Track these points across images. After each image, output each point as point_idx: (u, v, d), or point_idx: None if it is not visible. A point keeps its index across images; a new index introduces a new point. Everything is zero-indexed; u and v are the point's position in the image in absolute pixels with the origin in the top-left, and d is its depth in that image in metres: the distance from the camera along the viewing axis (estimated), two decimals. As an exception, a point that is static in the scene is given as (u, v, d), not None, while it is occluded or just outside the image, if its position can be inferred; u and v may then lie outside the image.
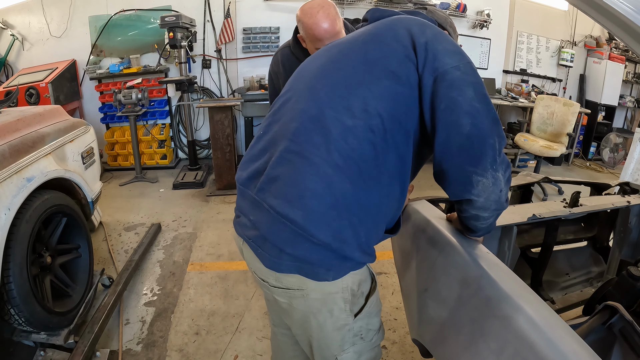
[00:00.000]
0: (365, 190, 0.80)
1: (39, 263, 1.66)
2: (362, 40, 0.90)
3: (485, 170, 0.75)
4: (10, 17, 4.10)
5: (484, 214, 0.82)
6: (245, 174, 0.90)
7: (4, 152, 1.51)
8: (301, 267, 0.82)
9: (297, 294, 0.86)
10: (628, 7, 0.72)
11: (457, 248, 0.98)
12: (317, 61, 0.95)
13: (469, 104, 0.76)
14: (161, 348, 1.78)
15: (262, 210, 0.83)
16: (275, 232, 0.81)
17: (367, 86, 0.82)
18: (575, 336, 0.70)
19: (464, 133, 0.75)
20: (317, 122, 0.82)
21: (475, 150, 0.75)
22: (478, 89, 0.79)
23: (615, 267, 1.56)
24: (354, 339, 0.97)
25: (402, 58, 0.82)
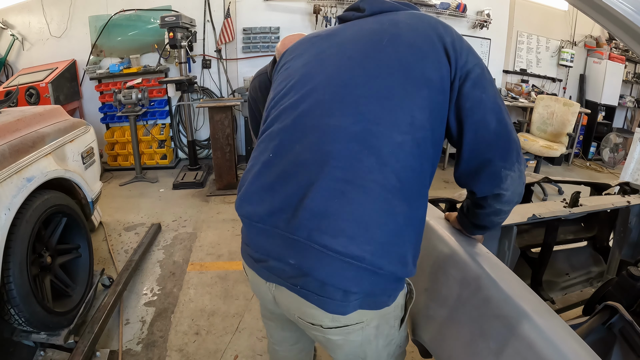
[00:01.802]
0: (418, 207, 0.77)
1: (39, 263, 1.66)
2: (390, 41, 0.79)
3: (512, 164, 0.75)
4: (10, 17, 4.10)
5: (506, 208, 0.82)
6: (263, 209, 0.76)
7: (4, 152, 1.51)
8: (364, 302, 0.75)
9: (356, 328, 0.79)
10: (628, 8, 0.72)
11: (457, 248, 0.98)
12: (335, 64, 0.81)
13: (493, 102, 0.76)
14: (161, 348, 1.78)
15: (311, 252, 0.71)
16: (338, 274, 0.71)
17: (411, 97, 0.75)
18: (575, 336, 0.70)
19: (492, 130, 0.75)
20: (364, 142, 0.72)
21: (503, 146, 0.75)
22: (495, 86, 0.80)
23: (615, 267, 1.56)
24: (396, 349, 0.95)
25: (436, 62, 0.77)
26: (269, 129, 0.83)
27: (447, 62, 0.78)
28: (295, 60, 0.89)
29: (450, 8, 4.45)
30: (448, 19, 4.63)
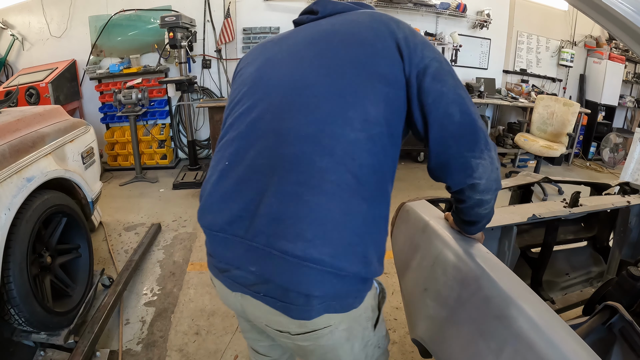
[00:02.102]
0: (378, 205, 0.76)
1: (39, 263, 1.66)
2: (340, 41, 0.80)
3: (481, 152, 0.75)
4: (10, 17, 4.10)
5: (486, 197, 0.81)
6: (222, 218, 0.76)
7: (4, 152, 1.51)
8: (330, 305, 0.73)
9: (324, 332, 0.77)
10: (628, 8, 0.72)
11: (457, 248, 0.98)
12: (285, 67, 0.82)
13: (454, 93, 0.76)
14: (161, 348, 1.78)
15: (271, 258, 0.70)
16: (298, 279, 0.70)
17: (363, 93, 0.75)
18: (575, 336, 0.70)
19: (456, 122, 0.75)
20: (317, 142, 0.72)
21: (469, 136, 0.75)
22: (455, 76, 0.79)
23: (615, 267, 1.56)
24: (374, 350, 0.92)
25: (389, 58, 0.78)
26: (225, 137, 0.83)
27: (399, 59, 0.78)
28: (248, 67, 0.89)
29: (450, 8, 4.45)
30: (448, 19, 4.63)
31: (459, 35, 4.52)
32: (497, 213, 1.22)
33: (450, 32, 4.54)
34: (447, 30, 4.60)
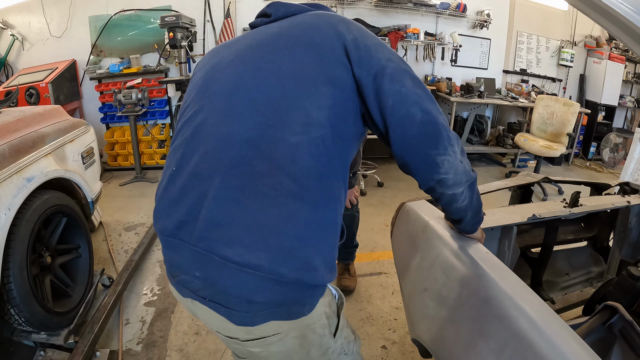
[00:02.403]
0: (324, 208, 0.73)
1: (39, 263, 1.66)
2: (285, 44, 0.80)
3: (445, 149, 0.76)
4: (10, 17, 4.10)
5: (458, 190, 0.82)
6: (171, 223, 0.75)
7: (4, 152, 1.51)
8: (275, 312, 0.72)
9: (274, 339, 0.77)
10: (628, 8, 0.72)
11: (457, 248, 0.98)
12: (230, 71, 0.82)
13: (414, 92, 0.75)
14: (161, 348, 1.78)
15: (213, 263, 0.69)
16: (239, 284, 0.69)
17: (306, 96, 0.74)
18: (575, 336, 0.70)
19: (418, 122, 0.74)
20: (256, 147, 0.71)
21: (432, 135, 0.75)
22: (413, 75, 0.78)
23: (615, 267, 1.56)
24: (339, 357, 0.91)
25: (335, 61, 0.77)
26: (174, 142, 0.83)
27: (347, 61, 0.77)
28: (199, 71, 0.90)
29: (450, 8, 4.45)
30: (448, 19, 4.63)
31: (459, 35, 4.52)
32: (497, 213, 1.23)
33: (450, 32, 4.54)
34: (447, 30, 4.60)
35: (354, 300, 2.17)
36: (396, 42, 4.30)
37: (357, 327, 1.95)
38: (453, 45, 4.58)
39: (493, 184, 1.49)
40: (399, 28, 4.32)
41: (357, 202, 2.13)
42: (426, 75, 4.70)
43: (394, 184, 3.92)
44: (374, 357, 1.78)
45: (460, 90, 4.50)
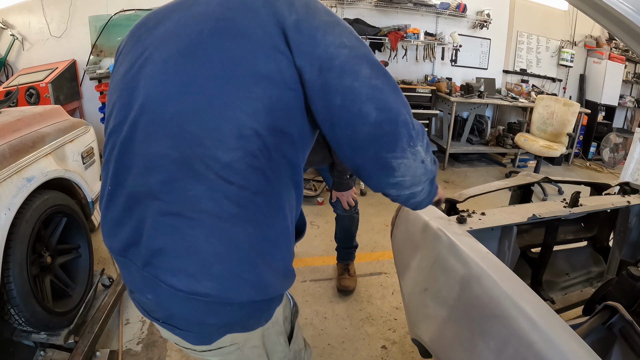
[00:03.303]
0: (271, 222, 0.67)
1: (39, 263, 1.66)
2: (211, 32, 0.65)
3: (403, 151, 0.65)
4: (10, 17, 4.10)
5: (418, 188, 0.73)
6: (118, 244, 0.71)
7: (4, 152, 1.51)
8: (231, 328, 0.71)
9: (231, 349, 0.75)
10: (628, 8, 0.72)
11: (457, 248, 0.98)
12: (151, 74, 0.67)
13: (369, 86, 0.62)
14: (161, 348, 1.78)
15: (161, 289, 0.65)
16: (189, 310, 0.66)
17: (236, 103, 0.62)
18: (575, 336, 0.70)
19: (372, 122, 0.63)
20: (187, 168, 0.62)
21: (388, 136, 0.64)
22: (371, 60, 0.65)
23: (615, 267, 1.56)
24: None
25: (270, 51, 0.62)
26: (104, 155, 0.74)
27: (287, 49, 0.63)
28: (119, 65, 0.75)
29: (450, 8, 4.45)
30: (448, 19, 4.63)
31: (459, 35, 4.52)
32: (497, 213, 1.23)
33: (450, 32, 4.54)
34: (447, 30, 4.60)
35: (354, 300, 2.17)
36: (396, 42, 4.30)
37: (357, 327, 1.96)
38: (453, 45, 4.58)
39: (493, 184, 1.49)
40: (399, 28, 4.32)
41: (357, 203, 2.13)
42: (426, 75, 4.70)
43: (394, 184, 3.91)
44: (374, 357, 1.78)
45: (460, 90, 4.50)
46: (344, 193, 2.04)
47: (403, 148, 0.65)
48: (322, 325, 1.96)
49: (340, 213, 2.15)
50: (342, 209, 2.12)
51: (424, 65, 4.76)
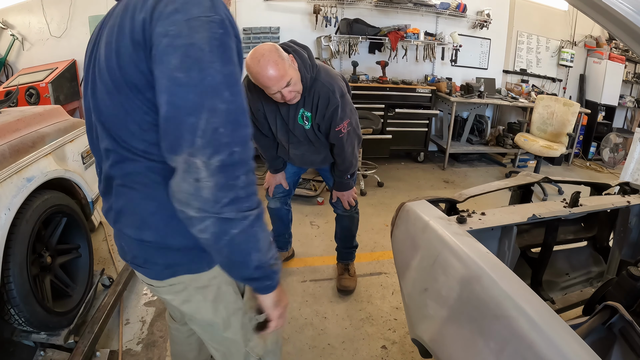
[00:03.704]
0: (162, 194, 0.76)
1: (39, 263, 1.66)
2: (99, 43, 0.73)
3: (179, 156, 0.62)
4: (10, 17, 4.10)
5: (187, 211, 0.64)
6: (105, 210, 0.90)
7: (4, 152, 1.51)
8: (177, 269, 0.84)
9: (179, 288, 0.86)
10: (628, 8, 0.72)
11: (457, 248, 0.98)
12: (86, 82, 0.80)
13: (169, 78, 0.60)
14: (161, 348, 1.78)
15: (125, 238, 0.85)
16: (143, 252, 0.83)
17: (125, 114, 0.69)
18: (575, 336, 0.70)
19: (162, 115, 0.61)
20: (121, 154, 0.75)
21: (171, 135, 0.62)
22: (190, 53, 0.60)
23: (615, 267, 1.56)
24: (252, 322, 0.96)
25: (131, 48, 0.64)
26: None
27: (142, 40, 0.63)
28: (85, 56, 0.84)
29: (450, 8, 4.45)
30: (448, 19, 4.63)
31: (459, 35, 4.52)
32: (497, 213, 1.23)
33: (450, 32, 4.54)
34: (447, 30, 4.60)
35: (354, 300, 2.17)
36: (396, 42, 4.30)
37: (357, 327, 1.96)
38: (453, 45, 4.58)
39: (493, 184, 1.49)
40: (399, 28, 4.32)
41: (357, 202, 2.13)
42: (426, 75, 4.70)
43: (394, 184, 3.92)
44: (374, 357, 1.78)
45: (460, 90, 4.50)
46: (345, 193, 2.04)
47: (181, 152, 0.61)
48: (322, 325, 1.96)
49: (341, 213, 2.15)
50: (342, 209, 2.12)
51: (424, 65, 4.76)
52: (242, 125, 0.64)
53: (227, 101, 0.61)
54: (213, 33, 0.61)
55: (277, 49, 1.49)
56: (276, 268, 0.76)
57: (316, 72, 1.68)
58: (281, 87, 1.52)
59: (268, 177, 2.13)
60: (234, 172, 0.62)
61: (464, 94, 4.41)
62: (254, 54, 1.48)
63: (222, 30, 0.62)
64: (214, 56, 0.61)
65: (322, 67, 1.74)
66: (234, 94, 0.62)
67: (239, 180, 0.63)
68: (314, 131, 1.79)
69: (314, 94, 1.69)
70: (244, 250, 0.68)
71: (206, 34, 0.61)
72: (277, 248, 2.43)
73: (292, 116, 1.75)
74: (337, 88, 1.70)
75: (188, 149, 0.60)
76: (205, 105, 0.60)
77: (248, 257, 0.69)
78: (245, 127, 0.64)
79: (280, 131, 1.84)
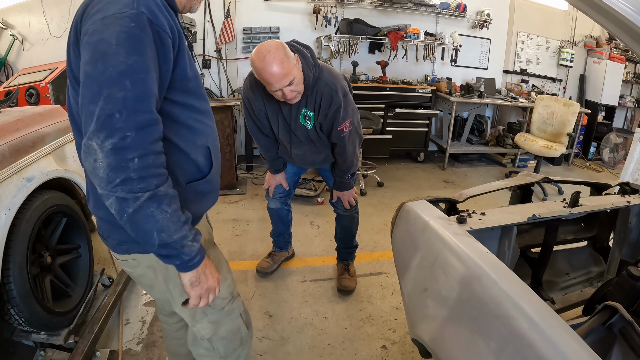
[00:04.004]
0: None
1: (39, 263, 1.66)
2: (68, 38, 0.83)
3: (89, 139, 0.69)
4: (10, 17, 4.10)
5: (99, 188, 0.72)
6: None
7: (4, 152, 1.51)
8: (130, 247, 0.95)
9: (133, 264, 1.01)
10: (628, 8, 0.72)
11: (457, 248, 0.98)
12: None
13: (83, 71, 0.69)
14: (161, 348, 1.78)
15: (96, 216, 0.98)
16: (103, 226, 0.96)
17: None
18: (575, 336, 0.70)
19: (79, 102, 0.71)
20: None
21: (82, 122, 0.71)
22: (99, 47, 0.68)
23: (615, 267, 1.56)
24: (203, 307, 0.98)
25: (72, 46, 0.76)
26: None
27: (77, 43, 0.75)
28: None
29: (450, 8, 4.45)
30: (448, 19, 4.63)
31: (459, 35, 4.52)
32: (497, 213, 1.23)
33: (450, 32, 4.54)
34: (447, 30, 4.60)
35: (354, 300, 2.17)
36: (396, 42, 4.30)
37: (357, 327, 1.96)
38: (453, 45, 4.58)
39: (493, 184, 1.49)
40: (399, 28, 4.32)
41: (357, 202, 2.13)
42: (426, 75, 4.70)
43: (394, 184, 3.92)
44: (374, 357, 1.78)
45: (460, 90, 4.50)
46: (345, 192, 2.04)
47: (87, 136, 0.69)
48: (322, 325, 1.96)
49: (341, 212, 2.15)
50: (343, 209, 2.12)
51: (424, 65, 4.76)
52: (139, 111, 0.70)
53: (126, 89, 0.68)
54: (123, 27, 0.68)
55: (284, 47, 1.50)
56: (189, 250, 0.81)
57: (319, 71, 1.68)
58: (283, 85, 1.52)
59: (268, 178, 2.13)
60: (125, 154, 0.68)
61: (464, 94, 4.41)
62: (259, 50, 1.48)
63: (134, 24, 0.69)
64: (120, 48, 0.68)
65: (325, 67, 1.74)
66: (135, 82, 0.69)
67: (132, 163, 0.69)
68: (315, 131, 1.79)
69: (317, 93, 1.69)
70: (144, 229, 0.75)
71: (117, 29, 0.68)
72: (277, 248, 2.46)
73: (294, 116, 1.76)
74: (339, 87, 1.71)
75: (88, 133, 0.69)
76: (103, 93, 0.67)
77: (150, 236, 0.75)
78: (144, 113, 0.70)
79: (282, 131, 1.84)
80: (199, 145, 0.92)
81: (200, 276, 0.86)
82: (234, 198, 3.48)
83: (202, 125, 0.92)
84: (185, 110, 0.87)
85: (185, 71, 0.83)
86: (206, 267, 0.87)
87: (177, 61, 0.79)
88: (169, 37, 0.75)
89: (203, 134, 0.92)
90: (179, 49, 0.79)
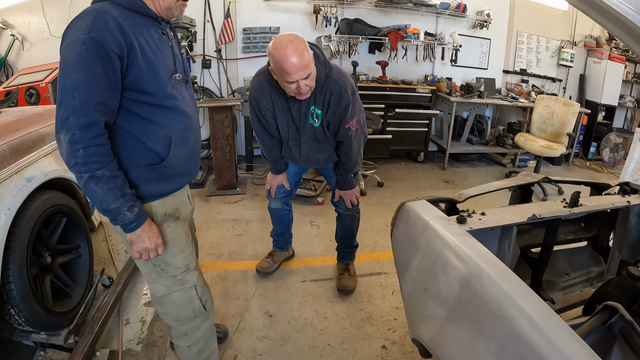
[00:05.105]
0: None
1: (39, 263, 1.66)
2: None
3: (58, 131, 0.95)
4: (10, 17, 4.10)
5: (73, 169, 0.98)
6: None
7: (4, 152, 1.51)
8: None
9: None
10: (628, 8, 0.72)
11: (457, 248, 0.98)
12: None
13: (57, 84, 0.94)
14: (161, 348, 1.78)
15: None
16: None
17: None
18: (575, 336, 0.70)
19: None
20: None
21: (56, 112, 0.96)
22: (62, 67, 0.94)
23: (615, 267, 1.56)
24: (156, 269, 1.23)
25: None
26: None
27: None
28: None
29: (450, 8, 4.45)
30: (448, 19, 4.63)
31: (459, 35, 4.52)
32: (497, 213, 1.23)
33: (450, 32, 4.54)
34: (447, 30, 4.60)
35: (354, 300, 2.17)
36: (396, 42, 4.30)
37: (357, 327, 1.96)
38: (453, 45, 4.58)
39: (493, 184, 1.49)
40: (399, 28, 4.32)
41: (358, 202, 2.13)
42: (426, 75, 4.70)
43: (394, 184, 3.92)
44: (374, 357, 1.78)
45: (460, 90, 4.50)
46: (348, 192, 2.05)
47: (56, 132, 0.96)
48: (322, 325, 1.96)
49: (342, 212, 2.15)
50: (344, 208, 2.12)
51: (424, 65, 4.76)
52: (82, 116, 0.93)
53: (75, 99, 0.93)
54: (75, 51, 0.93)
55: (304, 40, 1.51)
56: (123, 217, 1.06)
57: (329, 68, 1.69)
58: (301, 77, 1.52)
59: (270, 178, 2.13)
60: (75, 146, 0.94)
61: (464, 94, 4.41)
62: (280, 39, 1.49)
63: (84, 47, 0.93)
64: (74, 67, 0.93)
65: (334, 65, 1.76)
66: (81, 94, 0.93)
67: (78, 152, 0.95)
68: (322, 129, 1.80)
69: (326, 90, 1.70)
70: (92, 197, 1.03)
71: (74, 52, 0.93)
72: (277, 248, 2.47)
73: (303, 115, 1.76)
74: (348, 85, 1.72)
75: (56, 129, 0.95)
76: (63, 101, 0.93)
77: (95, 203, 1.03)
78: (86, 117, 0.94)
79: (290, 130, 1.84)
80: (160, 135, 1.11)
81: (137, 238, 1.11)
82: (234, 198, 3.48)
83: (164, 119, 1.11)
84: (144, 106, 1.06)
85: (139, 76, 1.02)
86: (144, 231, 1.10)
87: (129, 70, 1.00)
88: (116, 54, 0.96)
89: (165, 127, 1.11)
90: (132, 60, 1.00)
